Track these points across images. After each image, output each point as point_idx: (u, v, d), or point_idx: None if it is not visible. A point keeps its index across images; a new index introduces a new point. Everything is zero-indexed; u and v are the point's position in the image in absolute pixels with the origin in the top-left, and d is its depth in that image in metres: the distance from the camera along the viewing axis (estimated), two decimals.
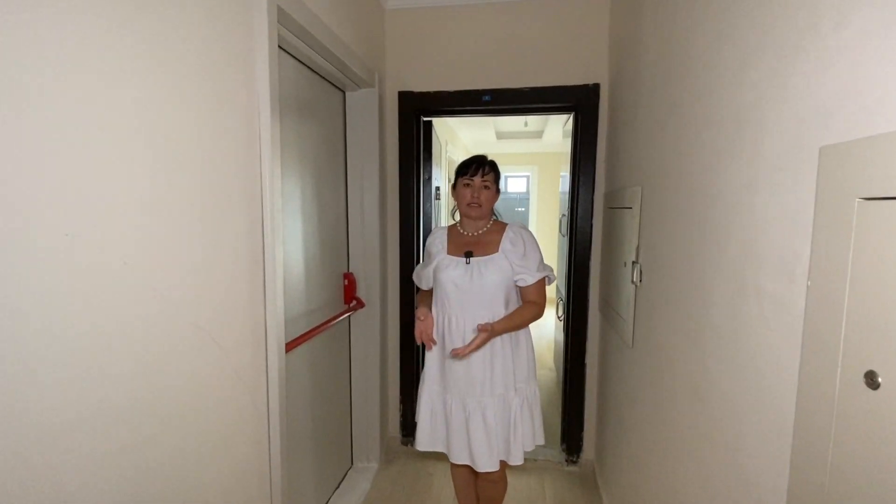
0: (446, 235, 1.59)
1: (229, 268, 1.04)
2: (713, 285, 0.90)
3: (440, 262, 1.53)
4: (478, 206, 1.50)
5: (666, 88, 1.23)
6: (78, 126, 0.67)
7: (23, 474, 0.62)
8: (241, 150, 1.07)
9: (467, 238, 1.56)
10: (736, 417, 0.81)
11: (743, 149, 0.80)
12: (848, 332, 0.53)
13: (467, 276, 1.47)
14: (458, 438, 1.49)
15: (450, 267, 1.50)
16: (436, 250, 1.57)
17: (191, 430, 0.93)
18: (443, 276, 1.49)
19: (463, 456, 1.49)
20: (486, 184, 1.50)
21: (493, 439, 1.47)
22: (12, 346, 0.60)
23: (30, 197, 0.61)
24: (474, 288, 1.46)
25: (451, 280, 1.48)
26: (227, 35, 1.02)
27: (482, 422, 1.46)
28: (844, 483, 0.54)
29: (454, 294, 1.48)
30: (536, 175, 6.41)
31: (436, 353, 1.54)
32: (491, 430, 1.46)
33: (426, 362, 1.57)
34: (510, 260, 1.48)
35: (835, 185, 0.55)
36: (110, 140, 0.73)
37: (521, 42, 2.10)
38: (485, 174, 1.50)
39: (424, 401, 1.56)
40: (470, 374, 1.47)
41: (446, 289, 1.49)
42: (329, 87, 1.88)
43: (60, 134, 0.65)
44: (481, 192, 1.50)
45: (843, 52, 0.56)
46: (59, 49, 0.64)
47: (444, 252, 1.55)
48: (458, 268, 1.49)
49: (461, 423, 1.49)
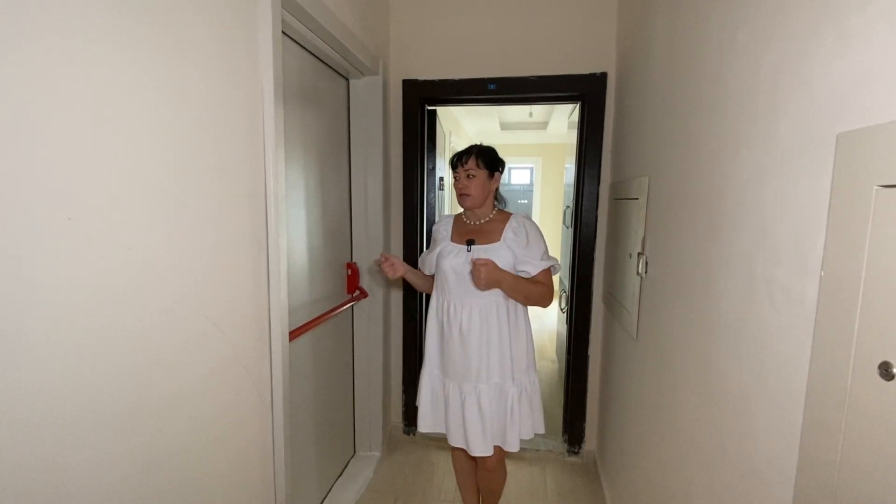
0: (452, 223, 1.62)
1: (233, 256, 1.04)
2: (722, 276, 0.89)
3: (443, 248, 1.55)
4: (467, 195, 1.50)
5: (676, 76, 1.21)
6: (83, 110, 0.66)
7: (33, 465, 0.62)
8: (244, 138, 1.06)
9: (470, 227, 1.57)
10: (744, 409, 0.80)
11: (755, 136, 0.78)
12: (862, 321, 0.52)
13: (468, 263, 1.47)
14: (454, 421, 1.52)
15: (451, 254, 1.51)
16: (440, 237, 1.60)
17: (195, 418, 0.93)
18: (444, 263, 1.51)
19: (459, 439, 1.51)
20: (469, 172, 1.49)
21: (487, 425, 1.47)
22: (17, 333, 0.60)
23: (29, 179, 0.61)
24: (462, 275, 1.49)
25: (452, 267, 1.49)
26: (231, 21, 1.00)
27: (477, 407, 1.47)
28: (855, 475, 0.53)
29: (454, 281, 1.49)
30: (541, 166, 6.36)
31: (435, 338, 1.57)
32: (486, 416, 1.47)
33: (426, 347, 1.59)
34: (512, 249, 1.47)
35: (852, 172, 0.54)
36: (114, 126, 0.72)
37: (527, 30, 2.07)
38: (465, 163, 1.49)
39: (425, 384, 1.59)
40: (467, 359, 1.47)
41: (447, 275, 1.51)
42: (333, 74, 1.86)
43: (65, 118, 0.64)
44: (467, 181, 1.50)
45: (862, 36, 0.54)
46: (67, 36, 0.63)
47: (447, 239, 1.58)
48: (459, 255, 1.50)
49: (458, 406, 1.51)
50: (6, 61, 0.57)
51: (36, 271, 0.62)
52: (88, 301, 0.69)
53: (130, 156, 0.75)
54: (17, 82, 0.58)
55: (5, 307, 0.58)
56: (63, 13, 0.64)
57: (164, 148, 0.82)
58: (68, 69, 0.65)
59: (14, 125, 0.58)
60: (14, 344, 0.59)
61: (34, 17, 0.60)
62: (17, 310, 0.60)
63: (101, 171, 0.70)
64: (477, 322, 1.47)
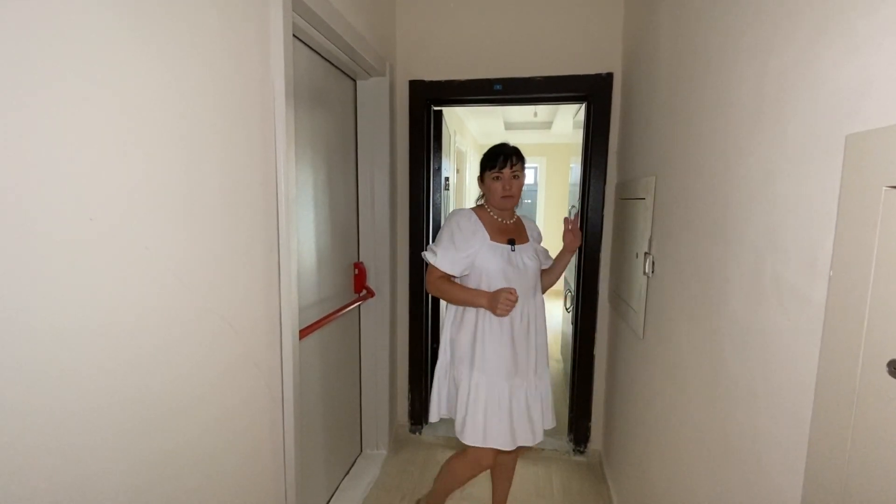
0: (477, 220, 1.50)
1: (245, 256, 1.05)
2: (730, 275, 0.90)
3: (486, 248, 1.46)
4: (511, 197, 1.49)
5: (683, 76, 1.22)
6: (102, 115, 0.68)
7: (47, 459, 0.63)
8: (256, 140, 1.08)
9: (504, 225, 1.54)
10: (751, 408, 0.81)
11: (763, 137, 0.79)
12: (871, 321, 0.53)
13: (512, 264, 1.47)
14: (520, 419, 1.48)
15: (496, 254, 1.46)
16: (473, 235, 1.46)
17: (208, 414, 0.95)
18: (490, 265, 1.44)
19: (526, 437, 1.49)
20: (515, 174, 1.49)
21: (544, 409, 1.57)
22: (34, 331, 0.61)
23: (55, 181, 0.62)
24: (520, 275, 1.48)
25: (499, 268, 1.45)
26: (243, 25, 1.02)
27: (539, 396, 1.55)
28: (866, 474, 0.54)
29: (500, 282, 1.45)
30: (545, 166, 6.37)
31: (506, 340, 1.46)
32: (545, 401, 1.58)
33: (487, 358, 1.44)
34: (535, 247, 1.59)
35: (861, 173, 0.55)
36: (131, 130, 0.73)
37: (533, 30, 2.08)
38: (513, 164, 1.48)
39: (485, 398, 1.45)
40: (535, 351, 1.53)
41: (494, 277, 1.45)
42: (340, 75, 1.87)
43: (85, 123, 0.66)
44: (512, 182, 1.48)
45: (872, 38, 0.55)
46: (85, 42, 0.65)
47: (485, 238, 1.47)
48: (504, 255, 1.47)
49: (522, 402, 1.49)
50: (28, 70, 0.59)
51: (60, 269, 0.63)
52: (108, 300, 0.71)
53: (147, 158, 0.77)
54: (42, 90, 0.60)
55: (31, 305, 0.60)
56: (81, 20, 0.65)
57: (179, 150, 0.83)
58: (87, 75, 0.66)
59: (39, 131, 0.60)
60: (32, 340, 0.61)
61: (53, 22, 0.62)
62: (42, 307, 0.61)
63: (120, 173, 0.72)
64: (542, 312, 1.57)
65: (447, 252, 1.45)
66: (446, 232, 1.48)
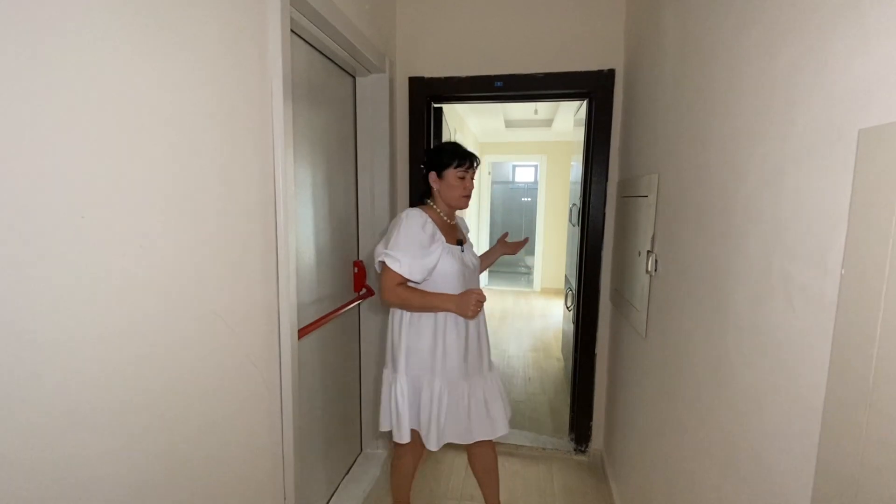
0: (432, 222, 1.44)
1: (243, 255, 1.04)
2: (736, 274, 0.88)
3: (444, 251, 1.43)
4: (469, 197, 1.53)
5: (687, 73, 1.20)
6: (95, 111, 0.66)
7: (47, 457, 0.62)
8: (254, 137, 1.06)
9: (450, 225, 1.55)
10: (757, 411, 0.79)
11: (772, 133, 0.77)
12: (885, 320, 0.51)
13: (465, 264, 1.50)
14: (477, 415, 1.50)
15: (454, 256, 1.45)
16: (433, 238, 1.41)
17: (207, 414, 0.93)
18: (449, 268, 1.43)
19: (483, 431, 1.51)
20: (472, 175, 1.53)
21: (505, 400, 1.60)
22: (31, 330, 0.60)
23: (45, 178, 0.61)
24: (472, 275, 1.54)
25: (457, 270, 1.45)
26: (240, 20, 1.00)
27: (497, 388, 1.58)
28: (878, 480, 0.52)
29: (459, 284, 1.45)
30: (545, 164, 6.34)
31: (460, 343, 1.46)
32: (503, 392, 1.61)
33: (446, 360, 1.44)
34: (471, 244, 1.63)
35: (875, 169, 0.53)
36: (124, 127, 0.72)
37: (533, 27, 2.06)
38: (476, 166, 1.53)
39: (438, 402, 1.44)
40: (485, 349, 1.57)
41: (453, 279, 1.44)
42: (339, 71, 1.85)
43: (77, 119, 0.64)
44: (471, 183, 1.52)
45: (885, 29, 0.53)
46: (78, 37, 0.63)
47: (443, 241, 1.44)
48: (458, 256, 1.47)
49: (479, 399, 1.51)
50: (21, 65, 0.57)
51: (50, 268, 0.62)
52: (102, 299, 0.69)
53: (141, 155, 0.75)
54: (33, 84, 0.58)
55: (21, 305, 0.58)
56: (75, 16, 0.64)
57: (174, 147, 0.82)
58: (80, 71, 0.65)
59: (30, 127, 0.58)
60: (28, 342, 0.60)
61: (46, 19, 0.60)
62: (32, 307, 0.60)
63: (113, 170, 0.70)
64: (486, 311, 1.59)
65: (413, 258, 1.36)
66: (405, 235, 1.37)
